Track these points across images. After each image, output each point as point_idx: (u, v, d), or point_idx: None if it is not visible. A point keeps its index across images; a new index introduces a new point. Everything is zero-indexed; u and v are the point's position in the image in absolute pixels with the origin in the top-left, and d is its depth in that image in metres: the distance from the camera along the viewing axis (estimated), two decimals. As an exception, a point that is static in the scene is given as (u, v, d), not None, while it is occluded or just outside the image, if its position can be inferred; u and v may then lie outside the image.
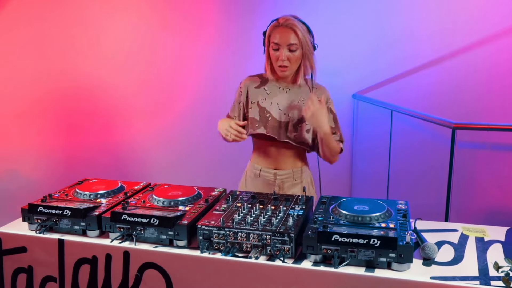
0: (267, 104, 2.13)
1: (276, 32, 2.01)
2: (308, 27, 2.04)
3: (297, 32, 1.97)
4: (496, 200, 3.16)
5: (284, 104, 2.12)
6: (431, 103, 3.16)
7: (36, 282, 1.55)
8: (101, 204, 1.80)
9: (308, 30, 2.03)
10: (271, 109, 2.12)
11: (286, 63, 2.02)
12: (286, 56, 2.00)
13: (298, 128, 2.11)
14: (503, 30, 3.00)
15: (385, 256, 1.43)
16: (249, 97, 2.17)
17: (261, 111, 2.13)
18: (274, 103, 2.12)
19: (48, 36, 3.69)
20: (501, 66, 3.04)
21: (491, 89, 3.07)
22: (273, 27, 2.03)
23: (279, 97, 2.13)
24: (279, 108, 2.12)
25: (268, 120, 2.12)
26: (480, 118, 2.95)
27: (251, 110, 2.16)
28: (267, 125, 2.12)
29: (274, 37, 2.01)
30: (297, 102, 2.11)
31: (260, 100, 2.14)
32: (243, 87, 2.19)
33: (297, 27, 1.98)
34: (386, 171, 3.29)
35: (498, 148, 3.15)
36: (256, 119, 2.13)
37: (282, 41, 1.99)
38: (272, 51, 2.04)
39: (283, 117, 2.11)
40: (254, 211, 1.70)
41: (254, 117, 2.14)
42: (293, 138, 2.11)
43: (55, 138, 3.86)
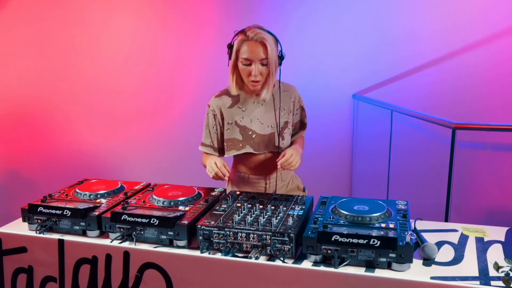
0: (247, 122, 2.07)
1: (246, 47, 1.92)
2: (275, 37, 1.97)
3: (267, 46, 1.90)
4: (496, 200, 3.16)
5: (264, 117, 2.07)
6: (431, 103, 3.16)
7: (36, 282, 1.55)
8: (101, 204, 1.80)
9: (275, 41, 1.97)
10: (252, 126, 2.07)
11: (258, 78, 1.96)
12: (259, 71, 1.94)
13: (284, 135, 2.10)
14: (503, 30, 3.00)
15: (385, 256, 1.43)
16: (224, 119, 2.09)
17: (242, 130, 2.07)
18: (254, 119, 2.07)
19: (48, 36, 3.69)
20: (501, 66, 3.04)
21: (491, 89, 3.07)
22: (241, 41, 1.93)
23: (256, 112, 2.07)
24: (260, 122, 2.07)
25: (252, 138, 2.07)
26: (480, 118, 2.94)
27: (229, 131, 2.08)
28: (253, 143, 2.07)
29: (243, 52, 1.93)
30: (276, 110, 2.08)
31: (237, 119, 2.07)
32: (215, 109, 2.09)
33: (267, 41, 1.90)
34: (386, 171, 3.29)
35: (498, 148, 3.15)
36: (238, 139, 2.07)
37: (253, 56, 1.92)
38: (241, 66, 1.96)
39: (267, 129, 2.07)
40: (254, 211, 1.70)
41: (235, 137, 2.07)
42: (282, 146, 2.09)
43: (55, 138, 3.86)
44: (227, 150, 2.09)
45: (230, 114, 2.08)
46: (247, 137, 2.07)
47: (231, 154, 2.09)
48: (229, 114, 2.08)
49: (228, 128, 2.08)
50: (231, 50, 1.97)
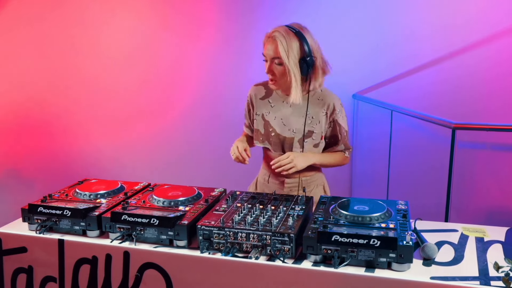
0: (271, 118, 2.07)
1: (266, 43, 1.93)
2: (303, 40, 1.88)
3: (278, 45, 1.86)
4: (496, 200, 3.15)
5: (288, 119, 2.04)
6: (431, 103, 3.15)
7: (36, 282, 1.55)
8: (101, 204, 1.80)
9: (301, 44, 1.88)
10: (274, 124, 2.06)
11: (270, 76, 1.96)
12: (270, 69, 1.94)
13: (304, 144, 2.03)
14: (503, 30, 3.00)
15: (385, 256, 1.43)
16: (254, 108, 2.11)
17: (265, 125, 2.08)
18: (278, 117, 2.05)
19: (48, 36, 3.69)
20: (501, 66, 3.03)
21: (491, 89, 3.07)
22: (265, 38, 1.94)
23: (283, 111, 2.06)
24: (283, 123, 2.05)
25: (271, 136, 2.06)
26: (480, 118, 2.94)
27: (256, 121, 2.11)
28: (271, 141, 2.07)
29: (264, 49, 1.95)
30: (302, 116, 2.02)
31: (264, 113, 2.08)
32: (249, 96, 2.14)
33: (280, 39, 1.85)
34: (386, 171, 3.29)
35: (498, 148, 3.15)
36: (261, 131, 2.09)
37: (267, 53, 1.93)
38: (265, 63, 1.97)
39: (287, 132, 2.04)
40: (254, 211, 1.70)
41: (258, 129, 2.10)
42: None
43: (55, 138, 3.86)
44: (254, 139, 2.13)
45: (260, 106, 2.10)
46: (267, 133, 2.08)
47: (256, 144, 2.13)
48: (259, 105, 2.11)
49: (255, 118, 2.12)
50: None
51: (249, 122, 2.19)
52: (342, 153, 2.13)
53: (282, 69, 1.92)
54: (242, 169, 2.33)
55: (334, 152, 2.13)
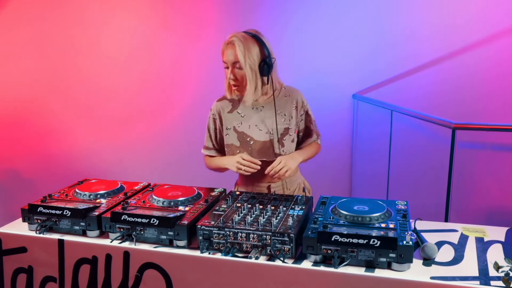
0: (245, 127, 2.06)
1: (225, 50, 1.95)
2: (261, 42, 1.92)
3: (237, 50, 1.89)
4: (496, 200, 3.15)
5: (262, 123, 2.05)
6: (431, 103, 3.16)
7: (36, 282, 1.55)
8: (101, 204, 1.80)
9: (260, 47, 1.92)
10: (251, 133, 2.05)
11: (233, 82, 1.97)
12: (232, 74, 1.95)
13: (283, 142, 2.05)
14: (503, 30, 3.00)
15: (385, 256, 1.43)
16: (223, 123, 2.09)
17: (239, 136, 2.06)
18: (252, 125, 2.05)
19: (48, 36, 3.69)
20: (501, 66, 3.04)
21: (491, 89, 3.07)
22: (224, 45, 1.97)
23: (254, 118, 2.05)
24: (258, 129, 2.05)
25: (250, 144, 2.05)
26: (480, 118, 2.94)
27: (228, 136, 2.08)
28: (251, 150, 2.05)
29: (222, 55, 1.97)
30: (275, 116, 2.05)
31: (236, 125, 2.06)
32: (215, 113, 2.10)
33: (238, 44, 1.88)
34: (386, 171, 3.29)
35: (498, 148, 3.15)
36: (236, 145, 2.06)
37: (227, 59, 1.94)
38: (225, 70, 1.98)
39: (265, 136, 2.05)
40: (254, 211, 1.70)
41: (232, 143, 2.07)
42: (282, 153, 2.05)
43: (55, 138, 3.86)
44: (227, 155, 2.09)
45: (229, 119, 2.08)
46: (245, 144, 2.05)
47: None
48: (228, 119, 2.08)
49: (227, 133, 2.08)
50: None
51: (214, 143, 2.15)
52: (315, 143, 2.19)
53: (242, 73, 1.95)
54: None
55: (310, 144, 2.17)
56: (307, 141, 2.16)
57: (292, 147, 2.09)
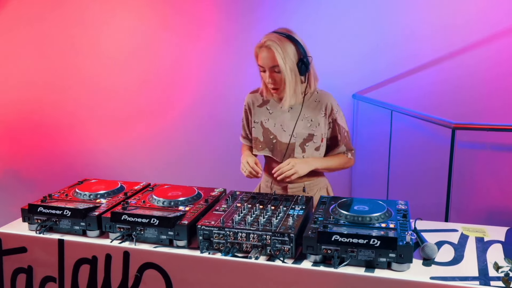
0: (271, 125, 2.06)
1: (260, 53, 1.92)
2: (296, 42, 1.91)
3: (275, 53, 1.86)
4: (496, 200, 3.15)
5: (288, 124, 2.04)
6: (431, 103, 3.15)
7: (36, 282, 1.55)
8: (101, 204, 1.80)
9: (296, 46, 1.91)
10: (275, 131, 2.05)
11: (272, 86, 1.95)
12: (270, 78, 1.93)
13: (305, 148, 2.03)
14: (503, 30, 3.00)
15: (385, 256, 1.43)
16: (252, 116, 2.10)
17: (264, 132, 2.07)
18: (278, 124, 2.05)
19: (48, 36, 3.69)
20: (501, 66, 3.03)
21: (491, 89, 3.07)
22: (258, 47, 1.93)
23: (282, 117, 2.05)
24: (283, 129, 2.04)
25: (273, 143, 2.05)
26: (480, 118, 2.94)
27: (254, 129, 2.09)
28: (273, 149, 2.05)
29: (258, 59, 1.94)
30: (301, 120, 2.02)
31: (263, 120, 2.07)
32: (247, 104, 2.13)
33: (276, 48, 1.86)
34: (386, 171, 3.29)
35: (498, 148, 3.15)
36: (260, 139, 2.08)
37: (264, 63, 1.91)
38: (261, 73, 1.97)
39: (287, 138, 2.03)
40: (254, 211, 1.70)
41: (257, 137, 2.08)
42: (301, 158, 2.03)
43: (55, 138, 3.86)
44: (253, 147, 2.12)
45: (258, 113, 2.09)
46: (268, 141, 2.06)
47: (255, 153, 2.11)
48: (257, 113, 2.09)
49: (254, 126, 2.10)
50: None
51: (247, 132, 2.18)
52: (344, 155, 2.12)
53: (281, 76, 1.93)
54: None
55: (335, 155, 2.11)
56: (334, 151, 2.10)
57: (316, 155, 2.04)
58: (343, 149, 2.11)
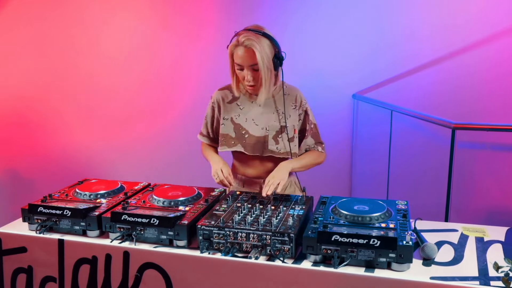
0: (242, 120, 2.07)
1: (237, 51, 1.92)
2: (271, 39, 1.92)
3: (255, 52, 1.87)
4: (496, 200, 3.15)
5: (260, 118, 2.05)
6: (431, 103, 3.16)
7: (36, 282, 1.55)
8: (101, 204, 1.80)
9: (271, 43, 1.92)
10: (247, 126, 2.06)
11: (252, 83, 1.96)
12: (250, 76, 1.94)
13: (278, 139, 2.04)
14: (503, 30, 3.00)
15: (385, 256, 1.43)
16: (221, 113, 2.10)
17: (236, 128, 2.07)
18: (249, 119, 2.06)
19: (48, 36, 3.69)
20: (501, 66, 3.04)
21: (491, 89, 3.07)
22: (234, 46, 1.93)
23: (253, 112, 2.06)
24: (255, 123, 2.05)
25: (245, 138, 2.06)
26: (480, 118, 2.94)
27: (224, 126, 2.09)
28: (245, 144, 2.05)
29: (236, 57, 1.94)
30: (273, 113, 2.05)
31: (234, 116, 2.08)
32: (215, 101, 2.12)
33: (255, 47, 1.87)
34: (386, 171, 3.29)
35: (498, 148, 3.15)
36: (231, 135, 2.07)
37: (243, 62, 1.92)
38: (237, 71, 1.98)
39: (261, 132, 2.05)
40: (254, 211, 1.70)
41: (228, 133, 2.07)
42: (276, 150, 2.05)
43: (55, 138, 3.86)
44: (220, 145, 2.10)
45: (228, 110, 2.09)
46: (240, 136, 2.06)
47: (223, 149, 2.09)
48: (227, 109, 2.09)
49: (223, 123, 2.09)
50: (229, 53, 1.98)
51: (208, 130, 2.18)
52: (314, 151, 2.14)
53: (259, 74, 1.94)
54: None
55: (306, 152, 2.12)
56: (303, 143, 2.12)
57: (286, 145, 2.06)
58: (311, 141, 2.13)
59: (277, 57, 1.95)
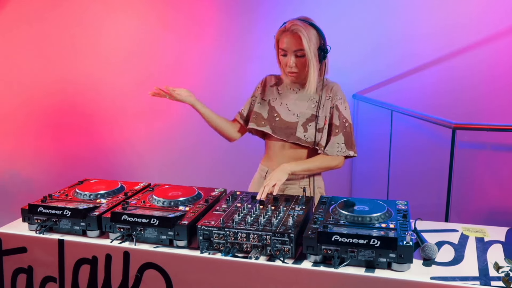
0: (277, 104, 2.12)
1: (283, 37, 1.97)
2: (318, 30, 1.99)
3: (301, 37, 1.92)
4: (496, 200, 3.16)
5: (292, 104, 2.09)
6: (431, 103, 3.16)
7: (36, 282, 1.55)
8: (101, 205, 1.80)
9: (318, 34, 1.99)
10: (280, 110, 2.10)
11: (294, 69, 1.99)
12: (293, 62, 1.98)
13: (307, 127, 2.05)
14: (503, 30, 3.00)
15: (385, 256, 1.43)
16: (264, 93, 2.17)
17: (270, 110, 2.12)
18: (284, 103, 2.10)
19: (48, 36, 3.69)
20: (501, 66, 3.04)
21: (491, 89, 3.07)
22: (281, 32, 1.98)
23: (288, 97, 2.11)
24: (287, 108, 2.09)
25: (275, 120, 2.09)
26: (480, 118, 2.94)
27: (260, 105, 2.14)
28: (274, 126, 2.09)
29: (281, 43, 1.98)
30: (307, 101, 2.07)
31: (271, 99, 2.13)
32: (264, 81, 2.20)
33: (302, 32, 1.92)
34: (386, 171, 3.29)
35: (498, 148, 3.15)
36: (263, 116, 2.12)
37: (288, 47, 1.96)
38: (281, 57, 2.02)
39: (291, 117, 2.07)
40: (254, 211, 1.70)
41: (261, 113, 2.12)
42: (303, 138, 2.04)
43: (55, 138, 3.86)
44: (250, 121, 2.14)
45: (269, 92, 2.16)
46: (271, 118, 2.10)
47: (252, 126, 2.12)
48: (268, 91, 2.16)
49: (260, 102, 2.15)
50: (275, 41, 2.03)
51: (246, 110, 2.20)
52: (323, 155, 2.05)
53: (303, 61, 1.98)
54: (242, 169, 2.34)
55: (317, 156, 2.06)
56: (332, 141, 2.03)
57: (318, 137, 2.03)
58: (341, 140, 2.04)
59: (322, 49, 2.00)
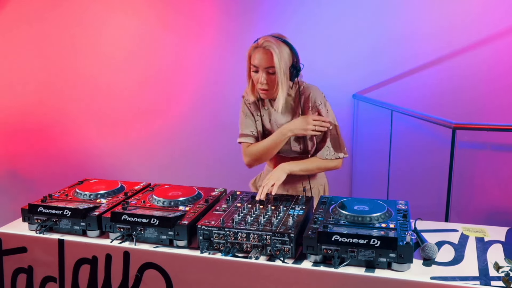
0: (266, 121, 2.09)
1: (255, 53, 1.92)
2: (291, 47, 1.93)
3: (273, 54, 1.87)
4: (496, 200, 3.16)
5: (281, 121, 2.06)
6: (431, 103, 3.16)
7: (36, 282, 1.55)
8: (101, 204, 1.80)
9: (291, 51, 1.93)
10: (271, 128, 2.08)
11: (265, 86, 1.94)
12: (264, 79, 1.92)
13: (300, 140, 2.05)
14: (503, 30, 3.00)
15: (385, 256, 1.43)
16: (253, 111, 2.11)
17: (264, 127, 2.10)
18: (273, 121, 2.08)
19: (48, 36, 3.69)
20: (501, 66, 3.04)
21: (491, 89, 3.07)
22: (253, 48, 1.94)
23: (274, 115, 2.07)
24: (277, 127, 2.06)
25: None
26: (480, 118, 2.94)
27: (258, 122, 2.10)
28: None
29: (253, 59, 1.93)
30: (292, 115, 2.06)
31: (262, 114, 2.09)
32: (246, 101, 2.11)
33: (274, 50, 1.86)
34: (386, 171, 3.29)
35: (498, 148, 3.15)
36: (261, 132, 2.11)
37: (259, 64, 1.91)
38: (252, 73, 1.97)
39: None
40: (254, 211, 1.70)
41: (260, 130, 2.11)
42: (299, 151, 2.06)
43: (55, 138, 3.86)
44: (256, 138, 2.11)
45: (256, 110, 2.10)
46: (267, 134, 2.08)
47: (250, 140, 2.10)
48: (255, 109, 2.10)
49: (257, 119, 2.10)
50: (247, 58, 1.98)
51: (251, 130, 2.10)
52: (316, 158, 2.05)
53: (274, 78, 1.93)
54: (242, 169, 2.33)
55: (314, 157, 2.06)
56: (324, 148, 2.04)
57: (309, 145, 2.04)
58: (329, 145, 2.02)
59: (294, 67, 1.94)
